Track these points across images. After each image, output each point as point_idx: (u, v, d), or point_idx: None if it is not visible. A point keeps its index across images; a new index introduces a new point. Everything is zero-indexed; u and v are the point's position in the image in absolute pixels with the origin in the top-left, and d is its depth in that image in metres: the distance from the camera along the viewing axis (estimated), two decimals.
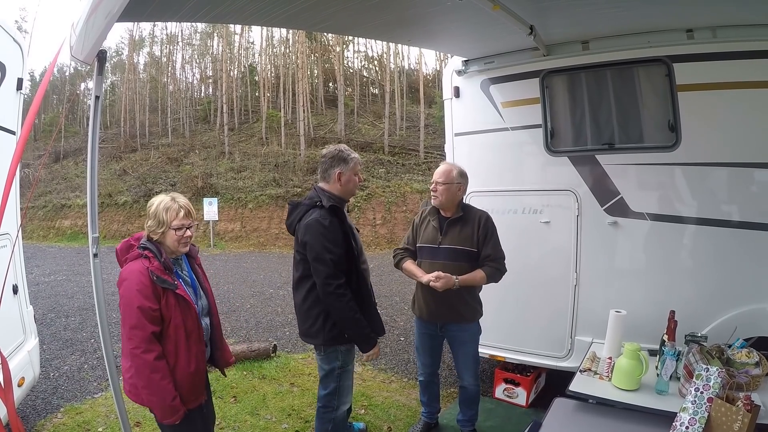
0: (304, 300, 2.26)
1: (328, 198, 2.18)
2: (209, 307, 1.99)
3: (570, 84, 2.90)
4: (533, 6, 2.25)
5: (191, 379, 1.84)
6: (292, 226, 2.28)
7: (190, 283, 1.92)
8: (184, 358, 1.80)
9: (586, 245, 2.87)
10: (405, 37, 2.96)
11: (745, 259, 2.53)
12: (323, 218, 2.12)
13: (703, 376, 1.73)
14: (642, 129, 2.77)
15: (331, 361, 2.28)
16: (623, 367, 2.03)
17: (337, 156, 2.22)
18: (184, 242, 1.85)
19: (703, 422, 1.64)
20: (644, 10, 2.36)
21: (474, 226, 2.47)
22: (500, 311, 3.07)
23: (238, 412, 3.22)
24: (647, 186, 2.76)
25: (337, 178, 2.22)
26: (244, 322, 5.75)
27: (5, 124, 2.73)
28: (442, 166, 2.55)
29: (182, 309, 1.79)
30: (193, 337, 1.83)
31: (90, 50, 1.42)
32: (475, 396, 2.68)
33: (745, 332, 2.28)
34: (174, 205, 1.81)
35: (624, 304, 2.49)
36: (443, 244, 2.47)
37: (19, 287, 2.86)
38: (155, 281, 1.71)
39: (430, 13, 2.23)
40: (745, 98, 2.46)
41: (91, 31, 1.34)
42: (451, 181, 2.46)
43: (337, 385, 2.30)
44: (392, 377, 3.87)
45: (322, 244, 2.09)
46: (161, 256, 1.77)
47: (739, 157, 2.52)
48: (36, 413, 3.24)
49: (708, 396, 1.68)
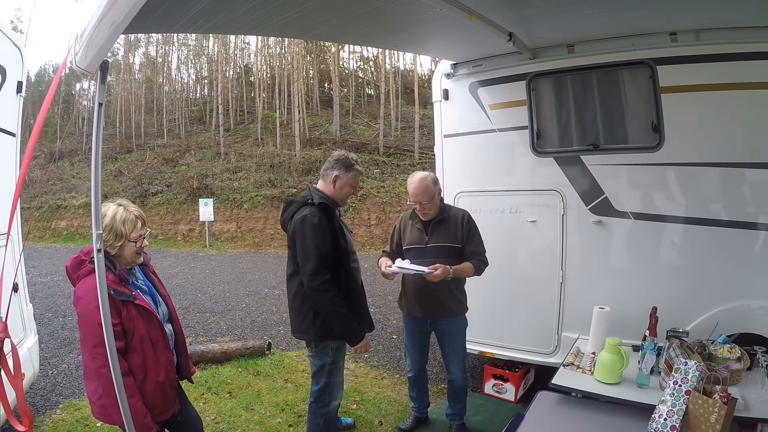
0: (295, 296, 2.29)
1: (319, 196, 2.22)
2: (169, 313, 1.92)
3: (556, 86, 2.96)
4: (514, 13, 2.31)
5: (162, 389, 1.78)
6: (285, 223, 2.31)
7: (147, 291, 1.85)
8: (153, 368, 1.74)
9: (571, 244, 2.94)
10: (393, 43, 3.03)
11: (727, 257, 2.59)
12: (313, 215, 2.15)
13: (681, 369, 1.79)
14: (626, 130, 2.84)
15: (322, 357, 2.31)
16: (604, 362, 2.09)
17: (341, 160, 2.27)
18: (140, 252, 1.80)
19: (681, 414, 1.69)
20: (628, 14, 2.41)
21: (457, 224, 2.56)
22: (489, 308, 3.13)
23: (233, 407, 3.27)
24: (631, 186, 2.83)
25: (332, 180, 2.26)
26: (240, 321, 5.80)
27: (6, 127, 2.78)
28: (416, 183, 2.49)
29: (144, 319, 1.73)
30: (160, 346, 1.78)
31: (93, 60, 1.45)
32: (463, 389, 2.73)
33: (727, 329, 2.34)
34: (130, 216, 1.74)
35: (609, 301, 2.55)
36: (430, 243, 2.54)
37: (20, 285, 2.87)
38: (113, 294, 1.64)
39: (414, 21, 2.29)
40: (727, 100, 2.53)
41: (95, 41, 1.38)
42: (432, 195, 2.51)
43: (328, 381, 2.33)
44: (384, 374, 3.93)
45: (310, 240, 2.12)
46: (115, 269, 1.71)
47: (721, 157, 2.58)
48: (35, 410, 3.26)
49: (686, 389, 1.74)
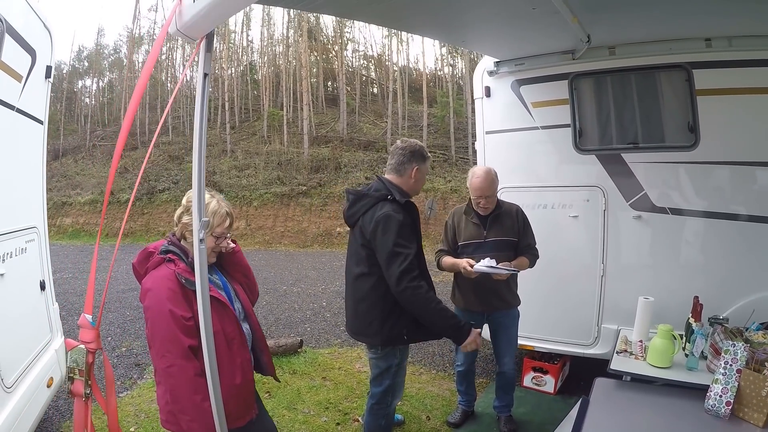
0: (365, 298, 2.13)
1: (400, 193, 2.10)
2: (245, 311, 1.75)
3: (597, 86, 3.07)
4: (591, 17, 2.43)
5: (238, 392, 1.60)
6: (354, 218, 2.15)
7: (222, 286, 1.69)
8: (228, 369, 1.57)
9: (612, 238, 3.05)
10: (460, 39, 3.08)
11: (759, 250, 2.72)
12: (397, 212, 2.02)
13: (730, 351, 1.91)
14: (664, 129, 2.96)
15: (388, 359, 2.17)
16: (657, 347, 2.18)
17: (417, 151, 2.15)
18: (216, 251, 1.66)
19: (734, 391, 1.83)
20: (667, 21, 2.54)
21: (513, 218, 2.65)
22: (529, 302, 3.20)
23: (274, 407, 3.22)
24: (669, 182, 2.95)
25: (412, 174, 2.14)
26: (263, 319, 5.79)
27: (34, 113, 2.60)
28: (483, 177, 2.52)
29: (218, 313, 1.57)
30: (236, 344, 1.61)
31: (204, 26, 1.42)
32: (512, 380, 2.81)
33: (760, 317, 2.46)
34: (221, 210, 1.62)
35: (648, 292, 2.63)
36: (489, 238, 2.60)
37: (46, 284, 2.75)
38: (184, 284, 1.52)
39: (491, 14, 2.36)
40: (759, 102, 2.66)
41: (215, 5, 1.34)
42: (495, 189, 2.57)
43: (391, 382, 2.21)
44: (421, 370, 3.96)
45: (397, 240, 1.97)
46: (187, 258, 1.59)
47: (754, 156, 2.72)
48: (60, 414, 3.13)
49: (737, 368, 1.87)
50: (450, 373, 3.78)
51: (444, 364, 4.07)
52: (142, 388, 3.62)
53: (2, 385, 2.08)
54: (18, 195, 2.54)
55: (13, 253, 2.37)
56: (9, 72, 2.26)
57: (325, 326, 5.42)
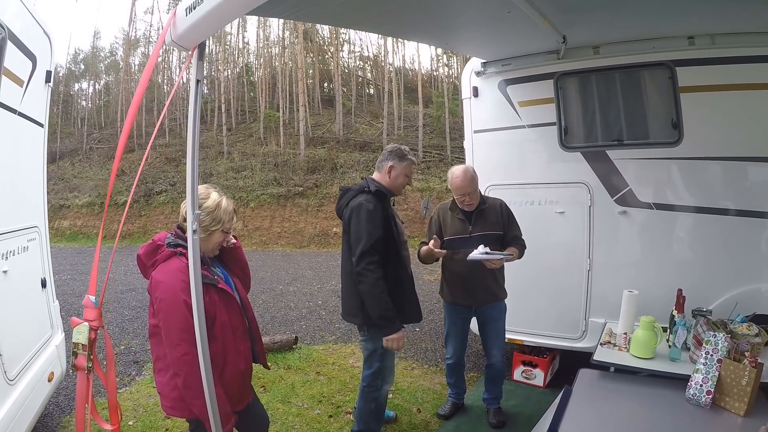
0: (349, 279, 2.36)
1: (375, 185, 2.34)
2: (243, 303, 1.87)
3: (582, 85, 3.14)
4: (567, 18, 2.51)
5: (241, 378, 1.74)
6: (341, 210, 2.40)
7: (224, 279, 1.81)
8: (233, 357, 1.69)
9: (598, 233, 3.13)
10: (444, 41, 3.18)
11: (742, 244, 2.79)
12: (368, 201, 2.26)
13: (711, 341, 1.98)
14: (648, 126, 3.02)
15: (374, 341, 2.35)
16: (640, 338, 2.26)
17: (395, 152, 2.39)
18: (221, 245, 1.78)
19: (714, 380, 1.89)
20: (650, 19, 2.61)
21: (498, 212, 2.73)
22: (518, 297, 3.27)
23: (269, 400, 3.29)
24: (653, 178, 3.02)
25: (387, 171, 2.38)
26: (260, 317, 5.86)
27: (35, 117, 2.70)
28: (462, 176, 2.62)
29: (226, 304, 1.69)
30: (240, 333, 1.74)
31: (196, 37, 1.50)
32: (501, 373, 2.88)
33: (743, 310, 2.52)
34: (230, 208, 1.75)
35: (634, 286, 2.71)
36: (474, 233, 2.67)
37: (47, 281, 2.83)
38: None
39: (468, 21, 2.45)
40: (741, 99, 2.73)
41: (206, 19, 1.41)
42: (476, 186, 2.68)
43: (380, 365, 2.38)
44: (413, 364, 4.04)
45: (363, 224, 2.20)
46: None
47: (736, 152, 2.78)
48: (60, 410, 3.21)
49: (717, 358, 1.93)
50: (441, 368, 3.84)
51: (436, 359, 4.14)
52: (140, 385, 3.68)
53: (5, 377, 2.15)
54: (20, 195, 2.61)
55: (16, 251, 2.46)
56: (11, 77, 2.34)
57: (320, 324, 5.48)
